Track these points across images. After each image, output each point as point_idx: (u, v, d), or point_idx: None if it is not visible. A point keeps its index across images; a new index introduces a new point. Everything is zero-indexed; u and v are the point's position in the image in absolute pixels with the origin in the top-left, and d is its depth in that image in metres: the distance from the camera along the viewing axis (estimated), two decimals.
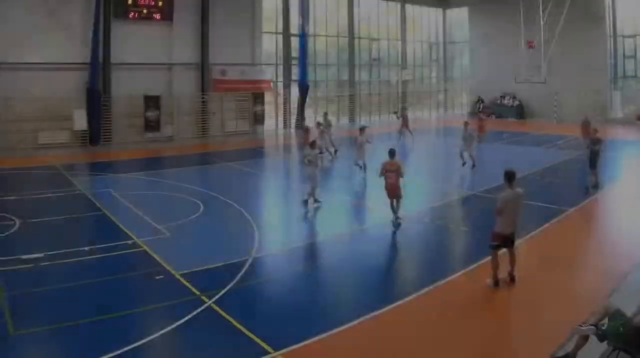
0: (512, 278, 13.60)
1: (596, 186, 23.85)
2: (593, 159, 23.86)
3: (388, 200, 18.83)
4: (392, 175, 18.63)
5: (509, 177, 13.44)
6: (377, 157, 22.26)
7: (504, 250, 13.56)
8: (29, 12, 36.99)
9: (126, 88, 41.08)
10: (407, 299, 12.69)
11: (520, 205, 13.78)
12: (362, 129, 29.64)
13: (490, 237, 13.55)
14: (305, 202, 21.47)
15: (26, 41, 36.87)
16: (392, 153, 19.19)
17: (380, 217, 19.66)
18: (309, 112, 52.54)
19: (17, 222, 18.62)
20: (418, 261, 16.31)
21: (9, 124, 36.46)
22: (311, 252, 16.71)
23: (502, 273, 13.52)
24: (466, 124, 30.55)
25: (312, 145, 22.36)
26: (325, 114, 40.15)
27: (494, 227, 13.52)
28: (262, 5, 49.23)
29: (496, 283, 13.39)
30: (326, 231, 18.88)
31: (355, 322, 11.39)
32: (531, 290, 13.40)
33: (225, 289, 12.98)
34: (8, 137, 36.72)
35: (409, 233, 18.41)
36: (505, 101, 60.05)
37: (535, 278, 14.07)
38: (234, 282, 13.49)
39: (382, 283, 14.23)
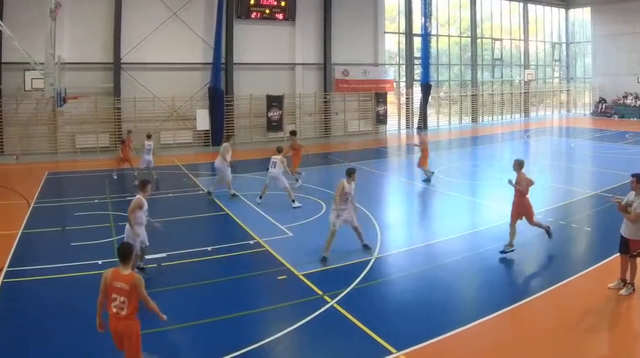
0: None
1: None
2: None
3: None
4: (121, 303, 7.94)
5: None
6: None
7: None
8: (153, 14, 33.77)
9: (248, 88, 36.95)
10: (528, 299, 11.42)
11: None
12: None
13: (634, 246, 11.42)
14: None
15: (150, 42, 33.62)
16: (123, 255, 8.14)
17: (500, 216, 17.15)
18: (431, 112, 47.29)
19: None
20: (540, 261, 14.39)
21: (132, 124, 33.04)
22: (433, 251, 14.84)
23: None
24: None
25: (142, 187, 12.58)
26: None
27: (633, 234, 11.37)
28: (384, 5, 43.91)
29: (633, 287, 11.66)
30: (448, 231, 16.54)
31: (476, 322, 10.31)
32: None
33: (348, 289, 11.84)
34: (131, 137, 33.04)
35: (531, 233, 15.73)
36: (628, 101, 52.41)
37: None
38: (356, 282, 12.27)
39: (503, 283, 12.65)
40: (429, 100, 45.79)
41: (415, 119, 45.98)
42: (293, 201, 19.34)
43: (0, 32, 27.17)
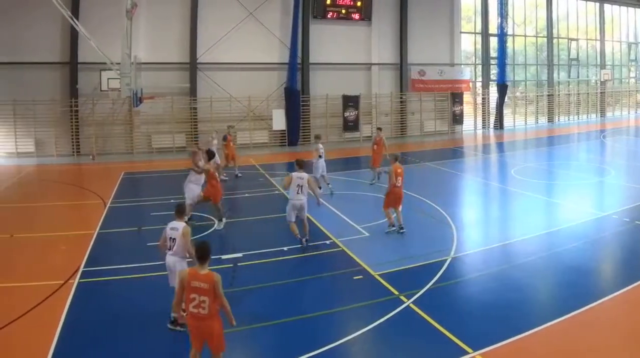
0: None
1: None
2: None
3: None
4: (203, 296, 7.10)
5: None
6: None
7: None
8: (229, 14, 30.49)
9: (324, 88, 33.05)
10: (604, 299, 10.04)
11: None
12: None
13: None
14: None
15: (226, 42, 30.36)
16: (202, 255, 7.40)
17: (577, 216, 16.14)
18: (507, 112, 42.17)
19: (216, 222, 15.54)
20: (616, 261, 12.93)
21: (208, 124, 30.03)
22: (509, 251, 13.36)
23: None
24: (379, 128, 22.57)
25: (181, 214, 9.71)
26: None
27: None
28: (460, 4, 38.93)
29: None
30: (524, 231, 14.81)
31: (553, 322, 9.09)
32: None
33: (424, 289, 10.57)
34: (207, 137, 29.97)
35: (608, 233, 14.67)
36: None
37: None
38: (433, 281, 10.94)
39: (580, 283, 10.90)
40: (505, 100, 40.92)
41: (492, 119, 41.10)
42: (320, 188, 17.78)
43: (76, 32, 24.71)
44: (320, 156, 18.85)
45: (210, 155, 15.37)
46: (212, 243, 13.28)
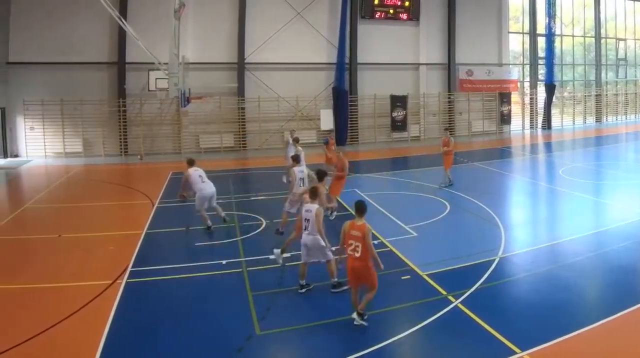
0: None
1: None
2: None
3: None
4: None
5: None
6: None
7: None
8: (277, 14, 28.49)
9: (372, 88, 30.66)
10: None
11: None
12: None
13: None
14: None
15: (273, 42, 28.37)
16: (360, 209, 8.76)
17: (625, 216, 14.72)
18: (555, 112, 39.27)
19: (265, 222, 14.98)
20: None
21: (255, 124, 28.17)
22: (557, 251, 12.15)
23: None
24: (446, 129, 21.82)
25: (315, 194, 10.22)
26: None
27: None
28: (508, 4, 35.86)
29: None
30: (571, 231, 13.71)
31: (601, 322, 8.55)
32: None
33: (472, 289, 9.85)
34: (255, 137, 28.40)
35: None
36: None
37: None
38: (480, 282, 10.23)
39: (629, 283, 10.13)
40: (553, 100, 37.88)
41: (540, 119, 37.99)
42: None
43: (124, 32, 23.14)
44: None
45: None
46: (262, 243, 12.83)
